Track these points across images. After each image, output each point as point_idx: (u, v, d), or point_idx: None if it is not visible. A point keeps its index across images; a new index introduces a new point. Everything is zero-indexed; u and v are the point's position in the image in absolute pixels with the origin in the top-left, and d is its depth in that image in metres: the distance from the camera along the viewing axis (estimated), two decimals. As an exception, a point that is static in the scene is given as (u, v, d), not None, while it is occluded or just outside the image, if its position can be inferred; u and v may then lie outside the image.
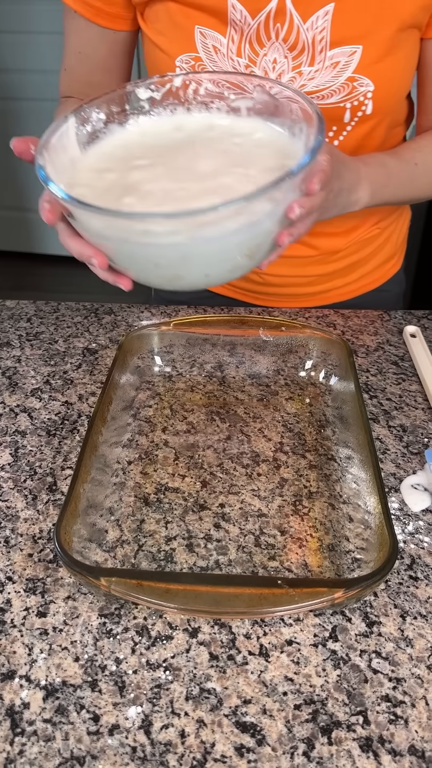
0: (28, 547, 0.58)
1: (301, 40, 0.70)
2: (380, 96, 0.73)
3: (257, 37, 0.71)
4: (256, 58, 0.73)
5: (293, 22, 0.69)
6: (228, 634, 0.50)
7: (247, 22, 0.70)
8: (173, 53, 0.74)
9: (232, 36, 0.72)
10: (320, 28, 0.69)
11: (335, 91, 0.73)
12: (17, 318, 0.94)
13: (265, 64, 0.73)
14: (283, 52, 0.71)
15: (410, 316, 0.94)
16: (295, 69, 0.72)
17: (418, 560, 0.57)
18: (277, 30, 0.70)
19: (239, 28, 0.71)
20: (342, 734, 0.44)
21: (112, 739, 0.44)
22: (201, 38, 0.73)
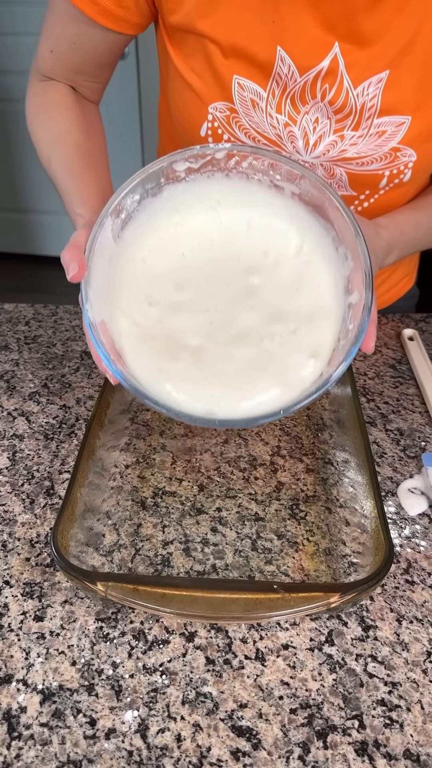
0: (25, 551, 0.58)
1: (349, 105, 0.66)
2: (421, 166, 0.71)
3: (301, 95, 0.67)
4: (296, 116, 0.68)
5: (343, 85, 0.65)
6: (224, 639, 0.51)
7: (293, 78, 0.65)
8: (207, 99, 0.69)
9: (273, 90, 0.67)
10: (371, 95, 0.65)
11: (377, 159, 0.70)
12: (15, 321, 0.94)
13: (306, 123, 0.69)
14: (326, 113, 0.67)
15: (408, 320, 0.94)
16: (338, 132, 0.68)
17: (415, 564, 0.57)
18: (324, 91, 0.66)
19: (283, 83, 0.66)
20: (337, 738, 0.44)
21: (109, 743, 0.44)
22: (239, 90, 0.67)
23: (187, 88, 0.70)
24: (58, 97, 0.75)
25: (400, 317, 0.95)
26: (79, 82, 0.76)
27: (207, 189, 0.57)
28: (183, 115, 0.73)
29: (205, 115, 0.71)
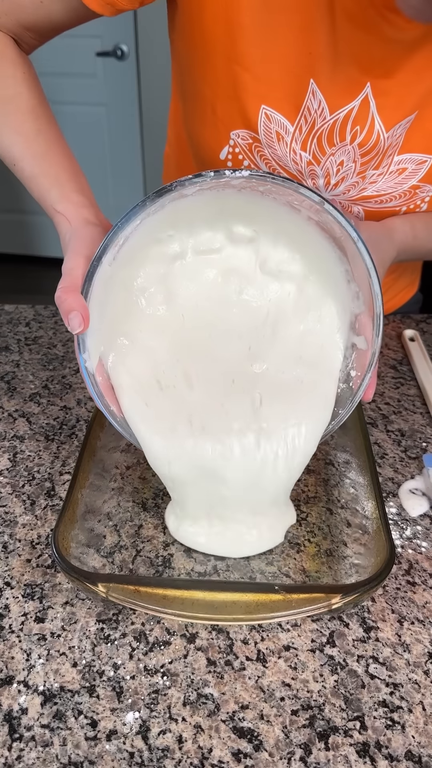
0: (26, 552, 0.58)
1: (378, 147, 0.65)
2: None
3: (329, 136, 0.65)
4: (321, 157, 0.66)
5: (374, 127, 0.63)
6: (225, 640, 0.51)
7: (323, 116, 0.63)
8: (229, 124, 0.66)
9: (300, 126, 0.64)
10: (398, 135, 0.64)
11: (396, 196, 0.69)
12: (16, 322, 0.94)
13: (330, 165, 0.67)
14: (353, 156, 0.65)
15: (409, 320, 0.94)
16: (360, 174, 0.67)
17: (416, 565, 0.57)
18: (354, 133, 0.64)
19: (312, 120, 0.64)
20: (339, 739, 0.44)
21: (110, 744, 0.44)
22: (265, 120, 0.64)
23: (210, 109, 0.67)
24: (0, 48, 0.65)
25: (401, 318, 0.95)
26: (25, 38, 0.68)
27: (217, 207, 0.53)
28: (202, 136, 0.71)
29: (227, 140, 0.69)
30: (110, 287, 0.53)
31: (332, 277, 0.55)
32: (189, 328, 0.57)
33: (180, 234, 0.56)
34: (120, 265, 0.53)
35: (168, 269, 0.57)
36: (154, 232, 0.54)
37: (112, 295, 0.54)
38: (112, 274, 0.52)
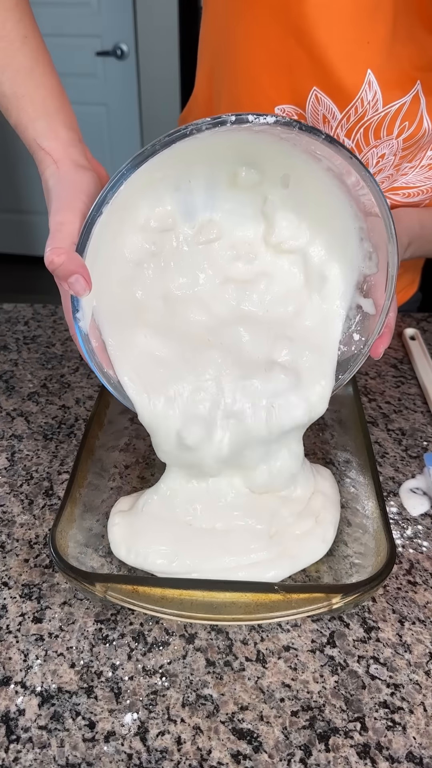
0: (24, 552, 0.57)
1: (419, 143, 0.64)
2: None
3: (377, 129, 0.64)
4: (364, 147, 0.65)
5: (422, 124, 0.62)
6: (225, 640, 0.50)
7: (375, 107, 0.62)
8: (275, 98, 0.64)
9: (349, 115, 0.63)
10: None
11: (423, 191, 0.68)
12: (14, 321, 0.93)
13: (370, 156, 0.66)
14: (396, 149, 0.65)
15: (410, 319, 0.94)
16: (396, 167, 0.66)
17: (417, 565, 0.56)
18: (402, 128, 0.63)
19: (363, 111, 0.62)
20: (339, 741, 0.44)
21: (108, 746, 0.44)
22: (314, 101, 0.63)
23: (255, 80, 0.65)
24: None
25: (401, 317, 0.94)
26: None
27: (223, 148, 0.49)
28: (243, 106, 0.68)
29: (271, 110, 0.66)
30: (101, 237, 0.48)
31: (343, 234, 0.53)
32: (186, 289, 0.55)
33: (177, 174, 0.51)
34: (111, 211, 0.47)
35: (162, 228, 0.53)
36: (151, 171, 0.47)
37: (102, 247, 0.49)
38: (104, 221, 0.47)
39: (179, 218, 0.54)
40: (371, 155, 0.66)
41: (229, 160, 0.52)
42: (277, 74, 0.64)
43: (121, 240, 0.53)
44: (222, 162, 0.52)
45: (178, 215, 0.54)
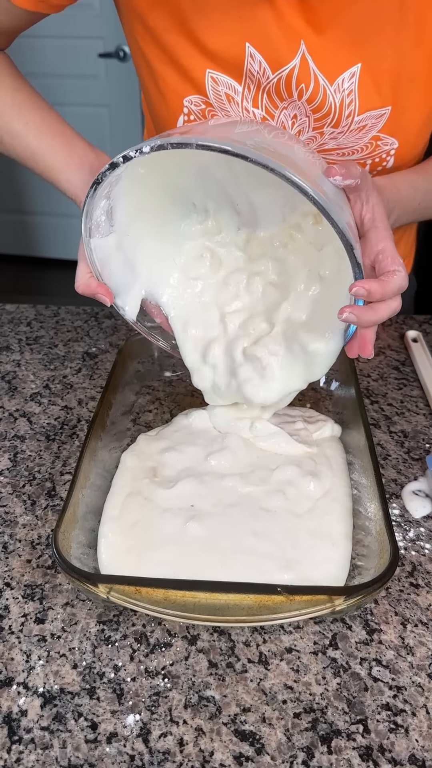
0: (26, 552, 0.57)
1: (328, 103, 0.65)
2: (404, 152, 0.70)
3: (277, 91, 0.65)
4: (274, 111, 0.67)
5: (319, 83, 0.64)
6: (227, 642, 0.50)
7: (266, 75, 0.64)
8: (181, 92, 0.68)
9: (248, 85, 0.66)
10: (347, 90, 0.64)
11: (358, 150, 0.69)
12: (17, 322, 0.94)
13: (284, 118, 0.67)
14: (305, 111, 0.66)
15: (412, 321, 0.94)
16: (317, 129, 0.67)
17: (419, 567, 0.56)
18: (300, 90, 0.65)
19: (256, 80, 0.65)
20: (342, 743, 0.44)
21: (110, 747, 0.44)
22: (212, 84, 0.66)
23: (161, 80, 0.69)
24: None
25: (403, 319, 0.94)
26: None
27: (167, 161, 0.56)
28: (159, 109, 0.72)
29: (181, 108, 0.69)
30: (124, 245, 0.60)
31: None
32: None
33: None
34: (123, 228, 0.59)
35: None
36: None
37: (128, 248, 0.61)
38: (119, 237, 0.60)
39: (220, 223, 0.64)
40: (284, 117, 0.68)
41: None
42: (174, 69, 0.67)
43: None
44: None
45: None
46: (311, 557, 0.54)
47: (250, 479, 0.61)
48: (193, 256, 0.65)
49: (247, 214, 0.63)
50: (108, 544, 0.55)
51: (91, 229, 0.57)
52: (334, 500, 0.59)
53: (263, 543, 0.55)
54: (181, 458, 0.64)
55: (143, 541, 0.55)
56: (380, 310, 0.51)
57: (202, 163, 0.58)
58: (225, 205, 0.63)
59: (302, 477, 0.60)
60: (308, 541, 0.55)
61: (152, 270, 0.64)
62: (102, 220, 0.58)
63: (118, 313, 0.63)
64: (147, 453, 0.66)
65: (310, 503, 0.58)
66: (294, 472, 0.61)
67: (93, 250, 0.58)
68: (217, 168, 0.59)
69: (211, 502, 0.59)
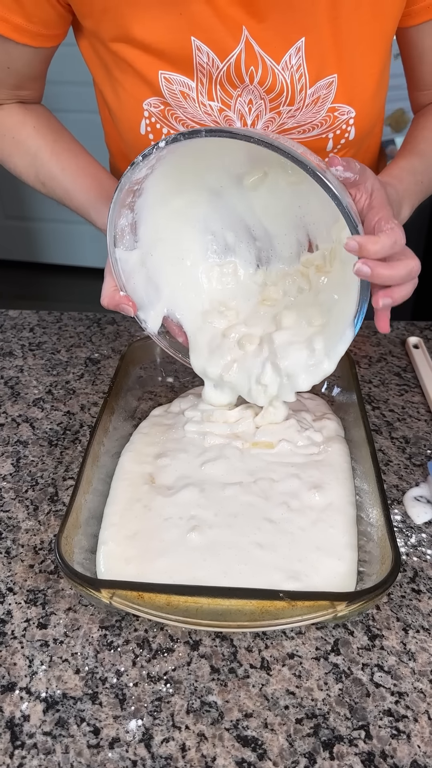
0: (29, 558, 0.57)
1: (279, 82, 0.66)
2: (363, 121, 0.71)
3: (228, 80, 0.67)
4: (229, 100, 0.68)
5: (266, 64, 0.65)
6: (229, 647, 0.50)
7: (215, 65, 0.66)
8: (139, 97, 0.69)
9: (200, 79, 0.67)
10: (296, 66, 0.66)
11: (317, 124, 0.70)
12: (20, 328, 0.94)
13: (240, 106, 0.69)
14: (259, 94, 0.67)
15: (413, 327, 0.94)
16: (274, 110, 0.69)
17: (421, 573, 0.56)
18: (251, 74, 0.66)
19: (207, 72, 0.66)
20: (344, 749, 0.44)
21: (113, 752, 0.44)
22: (167, 84, 0.67)
23: (120, 88, 0.70)
24: (11, 121, 0.76)
25: (405, 325, 0.94)
26: (23, 95, 0.77)
27: (183, 151, 0.58)
28: (121, 117, 0.73)
29: (142, 113, 0.71)
30: (147, 262, 0.64)
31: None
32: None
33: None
34: (146, 243, 0.64)
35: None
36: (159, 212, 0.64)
37: (152, 266, 0.65)
38: (142, 252, 0.64)
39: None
40: (240, 105, 0.69)
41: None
42: (129, 75, 0.68)
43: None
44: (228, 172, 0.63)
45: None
46: (318, 571, 0.54)
47: (251, 489, 0.61)
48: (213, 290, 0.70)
49: (264, 239, 0.68)
50: (108, 552, 0.55)
51: (116, 238, 0.60)
52: (338, 511, 0.59)
53: (269, 555, 0.55)
54: (176, 465, 0.64)
55: (144, 552, 0.55)
56: (396, 267, 0.52)
57: (213, 185, 0.64)
58: (243, 237, 0.68)
59: (306, 490, 0.60)
60: (314, 555, 0.55)
61: (175, 294, 0.68)
62: (126, 231, 0.61)
63: (140, 327, 0.66)
64: (144, 455, 0.66)
65: (315, 514, 0.58)
66: (297, 484, 0.61)
67: (118, 260, 0.61)
68: (229, 190, 0.64)
69: (213, 511, 0.59)
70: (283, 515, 0.58)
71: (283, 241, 0.67)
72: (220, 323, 0.69)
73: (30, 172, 0.77)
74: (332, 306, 0.63)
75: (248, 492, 0.60)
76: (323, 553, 0.55)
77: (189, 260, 0.69)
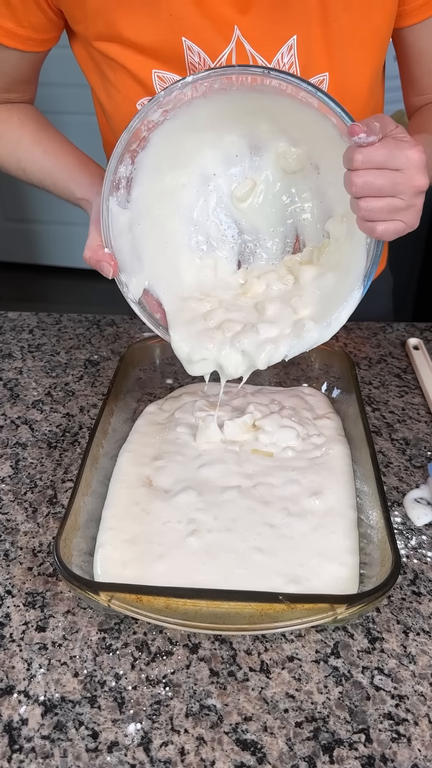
0: (27, 560, 0.57)
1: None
2: (354, 118, 0.71)
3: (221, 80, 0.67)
4: None
5: (257, 63, 0.65)
6: (229, 650, 0.50)
7: (206, 65, 0.66)
8: (133, 97, 0.69)
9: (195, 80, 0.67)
10: (288, 64, 0.66)
11: None
12: (19, 329, 0.94)
13: None
14: None
15: (413, 329, 0.94)
16: None
17: (421, 575, 0.56)
18: None
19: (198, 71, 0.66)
20: (344, 752, 0.44)
21: (111, 756, 0.43)
22: (160, 83, 0.67)
23: (113, 88, 0.70)
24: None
25: (405, 327, 0.94)
26: (12, 98, 0.77)
27: (193, 116, 0.59)
28: (116, 118, 0.73)
29: (135, 111, 0.68)
30: (135, 228, 0.62)
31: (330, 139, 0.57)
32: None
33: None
34: (138, 205, 0.62)
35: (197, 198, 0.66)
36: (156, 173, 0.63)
37: (140, 233, 0.63)
38: (133, 215, 0.62)
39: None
40: None
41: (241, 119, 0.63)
42: (122, 76, 0.68)
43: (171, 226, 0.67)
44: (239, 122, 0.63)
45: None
46: (319, 576, 0.53)
47: (251, 493, 0.61)
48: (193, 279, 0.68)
49: (250, 233, 0.68)
50: (105, 556, 0.55)
51: (112, 186, 0.59)
52: (339, 515, 0.59)
53: (270, 560, 0.54)
54: (172, 467, 0.64)
55: (142, 556, 0.55)
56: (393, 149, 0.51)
57: (206, 170, 0.65)
58: (228, 231, 0.67)
59: (307, 497, 0.60)
60: (315, 560, 0.55)
61: (156, 272, 0.65)
62: (122, 185, 0.60)
63: (137, 326, 0.66)
64: (141, 455, 0.65)
65: (316, 519, 0.58)
66: (297, 490, 0.61)
67: (110, 211, 0.59)
68: (220, 179, 0.65)
69: (212, 515, 0.58)
70: (284, 520, 0.58)
71: (270, 236, 0.67)
72: (201, 307, 0.67)
73: (11, 160, 0.77)
74: (325, 291, 0.62)
75: (247, 496, 0.60)
76: (325, 558, 0.55)
77: (171, 246, 0.67)
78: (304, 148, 0.63)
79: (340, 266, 0.62)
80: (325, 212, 0.64)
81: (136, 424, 0.71)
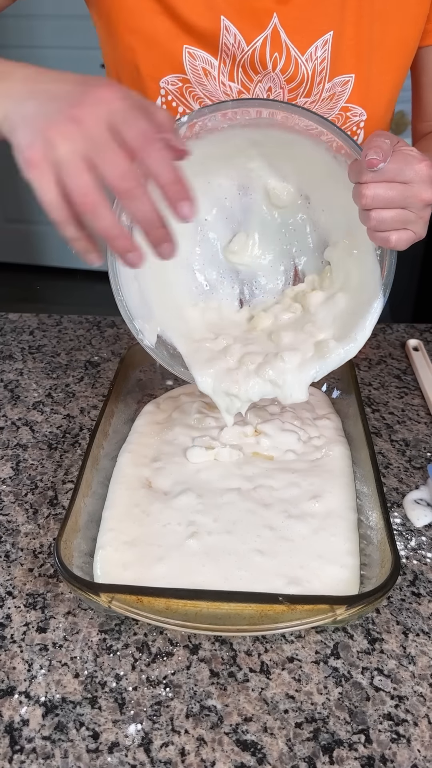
0: (28, 561, 0.57)
1: (300, 73, 0.67)
2: (372, 125, 0.71)
3: (251, 64, 0.67)
4: (249, 84, 0.69)
5: (290, 54, 0.66)
6: (229, 651, 0.50)
7: (240, 48, 0.66)
8: (157, 74, 0.69)
9: (224, 59, 0.67)
10: (320, 58, 0.66)
11: None
12: (20, 331, 0.94)
13: (260, 92, 0.69)
14: (279, 82, 0.68)
15: (413, 330, 0.94)
16: (291, 100, 0.69)
17: (421, 576, 0.56)
18: (275, 60, 0.66)
19: (231, 53, 0.67)
20: (344, 753, 0.44)
21: (112, 757, 0.44)
22: (190, 59, 0.67)
23: (134, 69, 0.69)
24: None
25: (404, 328, 0.94)
26: None
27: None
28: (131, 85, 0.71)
29: (158, 92, 0.70)
30: (141, 278, 0.62)
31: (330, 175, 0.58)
32: None
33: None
34: None
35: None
36: None
37: (149, 287, 0.63)
38: None
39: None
40: (260, 91, 0.69)
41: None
42: (150, 50, 0.68)
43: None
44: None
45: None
46: (320, 578, 0.53)
47: (251, 496, 0.61)
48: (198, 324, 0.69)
49: (247, 273, 0.68)
50: (105, 557, 0.55)
51: None
52: (340, 517, 0.59)
53: (270, 562, 0.55)
54: (171, 468, 0.64)
55: (142, 557, 0.55)
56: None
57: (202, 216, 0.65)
58: (226, 273, 0.68)
59: (307, 500, 0.60)
60: (316, 563, 0.55)
61: (164, 319, 0.65)
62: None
63: (131, 333, 0.63)
64: (141, 456, 0.66)
65: (316, 522, 0.58)
66: (297, 492, 0.61)
67: (114, 259, 0.58)
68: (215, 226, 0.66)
69: (212, 517, 0.59)
70: (284, 523, 0.58)
71: (270, 273, 0.68)
72: (217, 345, 0.66)
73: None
74: (338, 312, 0.63)
75: (247, 499, 0.60)
76: (325, 560, 0.55)
77: (172, 293, 0.67)
78: (293, 180, 0.63)
79: (350, 285, 0.62)
80: (321, 239, 0.65)
81: (135, 424, 0.71)
